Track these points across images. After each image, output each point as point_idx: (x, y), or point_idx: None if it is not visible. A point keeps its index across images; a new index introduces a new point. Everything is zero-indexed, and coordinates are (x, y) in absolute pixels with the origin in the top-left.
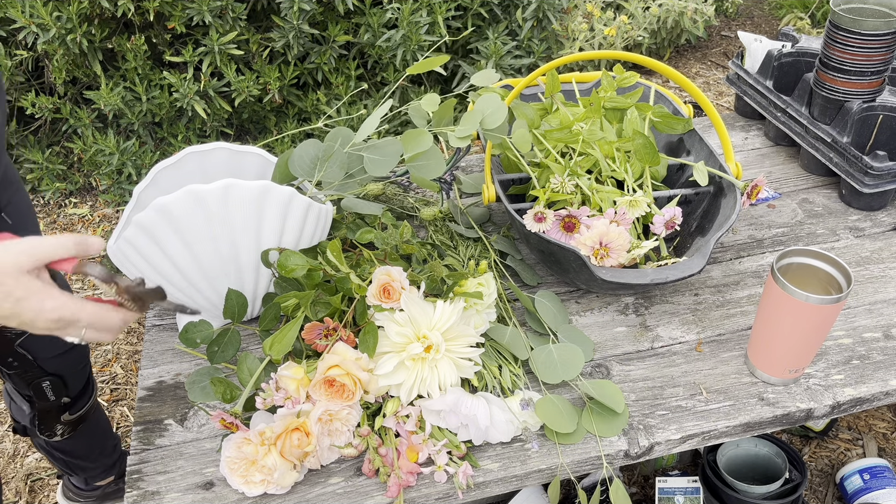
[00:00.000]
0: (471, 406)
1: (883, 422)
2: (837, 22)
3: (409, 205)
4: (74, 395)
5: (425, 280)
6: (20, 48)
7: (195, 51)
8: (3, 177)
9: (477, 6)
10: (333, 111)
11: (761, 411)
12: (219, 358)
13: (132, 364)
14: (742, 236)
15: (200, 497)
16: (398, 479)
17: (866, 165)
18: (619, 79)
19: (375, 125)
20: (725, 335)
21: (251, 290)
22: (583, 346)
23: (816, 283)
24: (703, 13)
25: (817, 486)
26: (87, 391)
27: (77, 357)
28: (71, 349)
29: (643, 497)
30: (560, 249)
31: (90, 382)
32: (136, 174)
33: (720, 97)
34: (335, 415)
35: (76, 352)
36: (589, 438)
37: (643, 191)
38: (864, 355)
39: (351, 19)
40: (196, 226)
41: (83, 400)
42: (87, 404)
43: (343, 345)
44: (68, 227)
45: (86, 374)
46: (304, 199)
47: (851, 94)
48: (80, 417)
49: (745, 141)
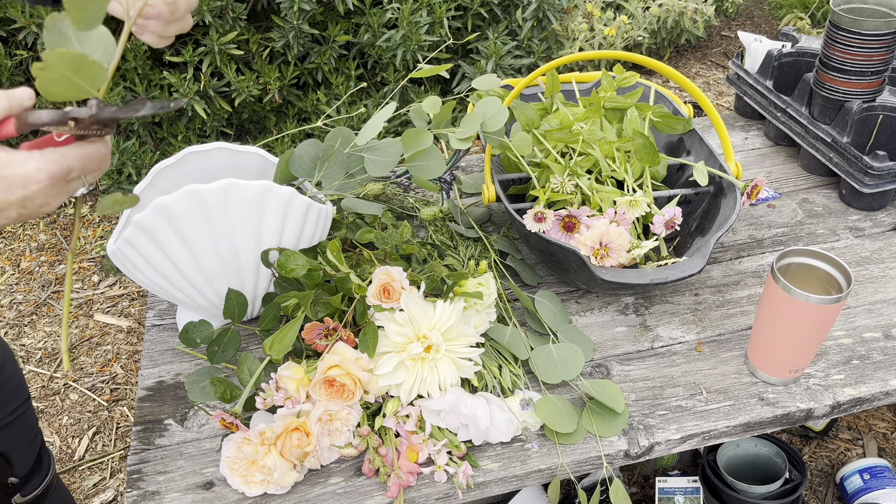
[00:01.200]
0: (471, 406)
1: (883, 422)
2: (837, 22)
3: (409, 205)
4: (24, 475)
5: (425, 280)
6: (20, 48)
7: (195, 51)
8: None
9: (477, 6)
10: (333, 111)
11: (761, 411)
12: (219, 358)
13: (132, 364)
14: (742, 236)
15: (200, 497)
16: (398, 479)
17: (866, 165)
18: (619, 79)
19: (378, 129)
20: (725, 335)
21: (251, 290)
22: (583, 346)
23: (816, 283)
24: (703, 13)
25: (817, 486)
26: (40, 468)
27: (21, 429)
28: (12, 421)
29: (643, 497)
30: (560, 249)
31: (44, 456)
32: (136, 174)
33: (720, 97)
34: (335, 415)
35: (19, 423)
36: (589, 438)
37: (643, 191)
38: (864, 355)
39: (351, 19)
40: (196, 226)
41: (37, 478)
42: (43, 482)
43: (343, 345)
44: (68, 227)
45: (35, 447)
46: (304, 199)
47: (851, 94)
48: (37, 498)
49: (745, 141)
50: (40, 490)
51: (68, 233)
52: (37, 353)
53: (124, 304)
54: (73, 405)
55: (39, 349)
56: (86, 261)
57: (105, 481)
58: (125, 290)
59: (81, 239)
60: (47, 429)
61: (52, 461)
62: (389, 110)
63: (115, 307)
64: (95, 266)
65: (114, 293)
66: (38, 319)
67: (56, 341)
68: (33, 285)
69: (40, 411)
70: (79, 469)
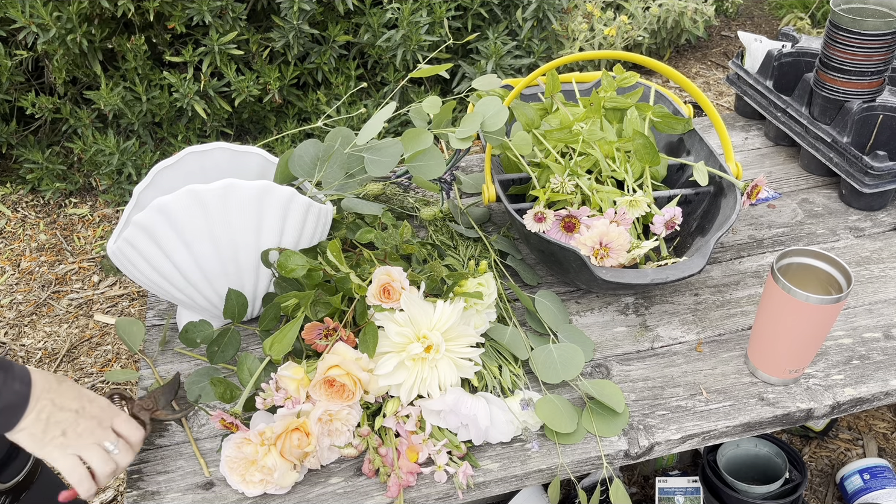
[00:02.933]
0: (471, 406)
1: (883, 422)
2: (837, 22)
3: (409, 205)
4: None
5: (425, 280)
6: (20, 48)
7: (195, 51)
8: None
9: (477, 6)
10: (333, 111)
11: (761, 411)
12: (219, 358)
13: (132, 364)
14: (742, 236)
15: (200, 497)
16: (398, 479)
17: (866, 165)
18: (619, 79)
19: (378, 129)
20: (725, 335)
21: (251, 290)
22: (583, 346)
23: (816, 283)
24: (703, 13)
25: (817, 486)
26: (16, 454)
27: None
28: None
29: (643, 497)
30: (560, 249)
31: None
32: (136, 174)
33: (720, 97)
34: (335, 415)
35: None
36: (589, 438)
37: (643, 191)
38: (864, 355)
39: (351, 19)
40: (196, 226)
41: (16, 464)
42: (24, 468)
43: (343, 345)
44: (68, 227)
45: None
46: (304, 199)
47: (851, 94)
48: (19, 485)
49: (745, 141)
50: (22, 476)
51: (68, 233)
52: (37, 353)
53: (124, 304)
54: None
55: (39, 349)
56: (86, 261)
57: None
58: (125, 290)
59: (81, 241)
60: None
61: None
62: (389, 110)
63: (115, 307)
64: (95, 266)
65: (114, 293)
66: (38, 319)
67: (56, 341)
68: (33, 285)
69: None
70: None
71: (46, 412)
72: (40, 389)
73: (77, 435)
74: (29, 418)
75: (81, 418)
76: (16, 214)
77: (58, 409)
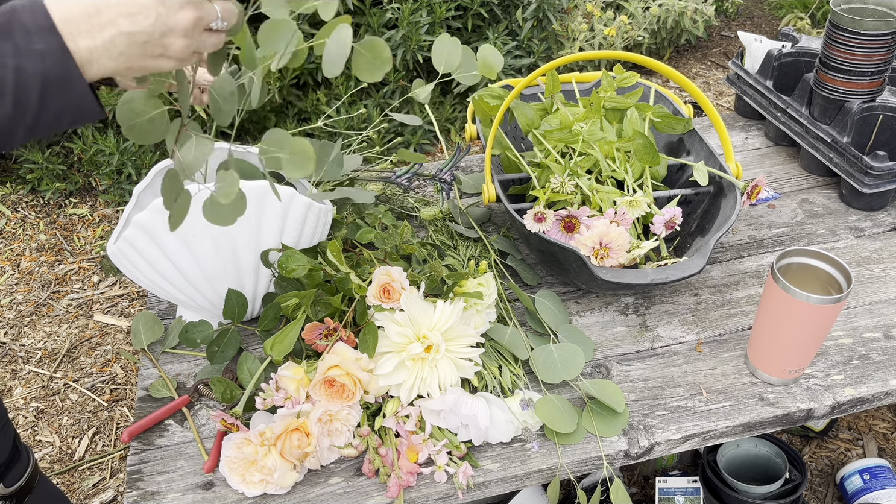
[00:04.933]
0: (471, 406)
1: (883, 422)
2: (837, 22)
3: (409, 205)
4: (2, 463)
5: (425, 280)
6: None
7: None
8: None
9: (477, 6)
10: (333, 111)
11: (761, 411)
12: (219, 358)
13: (132, 364)
14: (742, 236)
15: (200, 497)
16: (398, 480)
17: (866, 165)
18: (619, 79)
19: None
20: (725, 335)
21: (251, 290)
22: (583, 346)
23: (816, 283)
24: (703, 13)
25: (817, 486)
26: (17, 458)
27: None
28: None
29: (643, 497)
30: (560, 249)
31: (21, 447)
32: (136, 174)
33: (720, 97)
34: (335, 415)
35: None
36: (589, 438)
37: (643, 191)
38: (864, 355)
39: (351, 19)
40: (196, 226)
41: (17, 468)
42: (25, 472)
43: (343, 345)
44: (68, 227)
45: (9, 437)
46: (304, 199)
47: (851, 94)
48: (22, 489)
49: (745, 141)
50: (24, 480)
51: (68, 233)
52: (37, 353)
53: (124, 304)
54: (73, 405)
55: (39, 349)
56: (86, 261)
57: (105, 481)
58: (125, 290)
59: (81, 241)
60: (47, 429)
61: (31, 453)
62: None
63: (115, 307)
64: (95, 266)
65: (114, 293)
66: (38, 319)
67: (56, 341)
68: (33, 285)
69: (40, 412)
70: (79, 469)
71: (118, 47)
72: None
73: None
74: (93, 69)
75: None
76: (16, 214)
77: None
